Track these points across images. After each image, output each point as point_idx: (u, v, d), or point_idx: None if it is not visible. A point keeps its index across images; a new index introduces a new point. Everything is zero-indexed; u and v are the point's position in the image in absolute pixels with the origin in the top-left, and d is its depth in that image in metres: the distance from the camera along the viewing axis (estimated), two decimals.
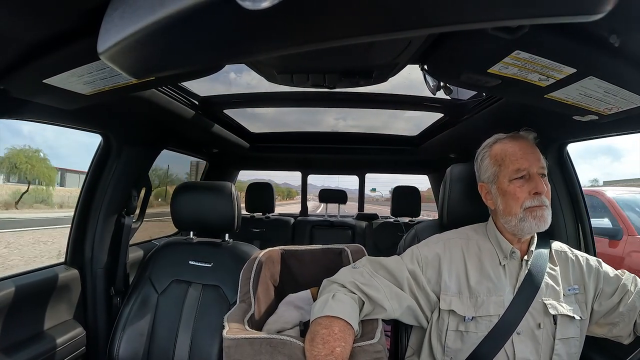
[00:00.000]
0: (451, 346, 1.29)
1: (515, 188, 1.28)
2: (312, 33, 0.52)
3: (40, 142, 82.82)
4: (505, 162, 1.32)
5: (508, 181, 1.30)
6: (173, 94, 1.91)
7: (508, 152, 1.32)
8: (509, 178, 1.30)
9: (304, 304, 1.55)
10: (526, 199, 1.27)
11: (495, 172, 1.34)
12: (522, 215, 1.27)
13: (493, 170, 1.35)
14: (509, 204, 1.30)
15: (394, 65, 1.40)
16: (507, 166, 1.31)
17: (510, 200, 1.29)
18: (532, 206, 1.26)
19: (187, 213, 1.94)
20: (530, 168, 1.28)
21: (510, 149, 1.33)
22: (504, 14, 0.52)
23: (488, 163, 1.37)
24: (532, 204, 1.26)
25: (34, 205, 24.09)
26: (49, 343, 1.64)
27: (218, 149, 3.37)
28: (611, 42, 0.87)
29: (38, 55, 0.99)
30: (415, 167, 4.25)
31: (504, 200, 1.31)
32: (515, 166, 1.29)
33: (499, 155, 1.34)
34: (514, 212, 1.29)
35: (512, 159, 1.30)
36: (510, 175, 1.29)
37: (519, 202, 1.27)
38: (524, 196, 1.27)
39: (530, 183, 1.27)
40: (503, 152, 1.34)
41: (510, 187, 1.29)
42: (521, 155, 1.30)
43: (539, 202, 1.26)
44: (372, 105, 2.57)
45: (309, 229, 3.90)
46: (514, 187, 1.28)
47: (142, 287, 1.85)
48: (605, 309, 1.31)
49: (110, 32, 0.58)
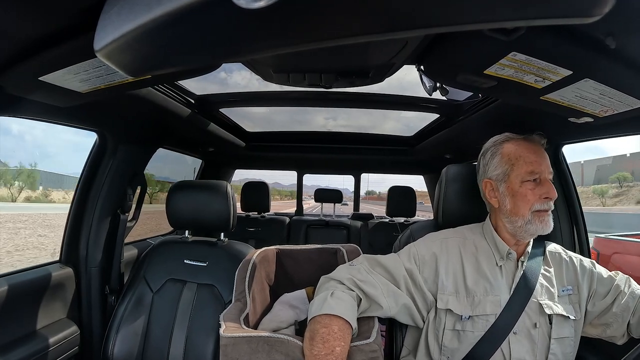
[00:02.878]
0: (448, 345, 1.30)
1: (527, 190, 1.28)
2: (308, 32, 0.52)
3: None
4: (519, 162, 1.31)
5: (520, 182, 1.29)
6: (169, 93, 1.90)
7: (523, 153, 1.32)
8: (522, 179, 1.29)
9: (299, 303, 1.55)
10: (536, 202, 1.27)
11: (506, 171, 1.33)
12: (529, 218, 1.28)
13: (504, 169, 1.33)
14: (517, 205, 1.30)
15: (390, 66, 1.39)
16: (521, 167, 1.30)
17: (519, 201, 1.29)
18: (541, 210, 1.27)
19: (183, 212, 1.93)
20: (543, 172, 1.28)
21: (525, 150, 1.32)
22: (500, 16, 0.52)
23: (499, 160, 1.35)
24: (542, 207, 1.27)
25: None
26: (42, 342, 1.63)
27: (214, 147, 3.36)
28: (607, 45, 0.87)
29: (34, 52, 0.99)
30: (411, 167, 4.26)
31: (513, 200, 1.31)
32: (530, 168, 1.29)
33: (513, 154, 1.33)
34: (522, 214, 1.29)
35: (527, 160, 1.30)
36: (523, 177, 1.29)
37: (529, 204, 1.27)
38: (534, 199, 1.27)
39: (541, 187, 1.27)
40: (517, 152, 1.32)
41: (521, 189, 1.29)
42: (535, 158, 1.29)
43: (547, 207, 1.27)
44: (367, 105, 2.57)
45: (304, 229, 3.89)
46: (526, 189, 1.28)
47: (136, 286, 1.85)
48: (599, 310, 1.32)
49: (107, 29, 0.57)
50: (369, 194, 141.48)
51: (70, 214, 1.99)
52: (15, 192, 31.10)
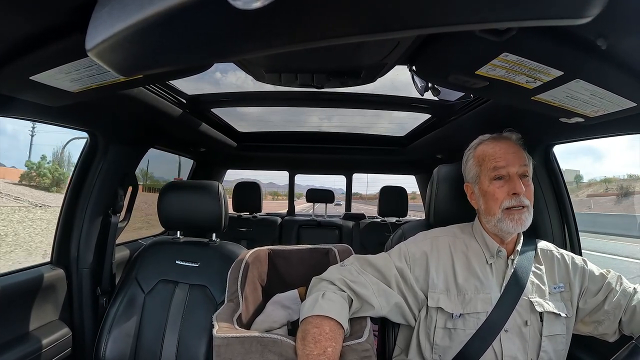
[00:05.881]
0: (439, 343, 1.30)
1: (495, 189, 1.30)
2: (302, 33, 0.52)
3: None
4: (485, 162, 1.33)
5: (488, 181, 1.32)
6: (161, 93, 1.89)
7: (488, 152, 1.34)
8: (490, 178, 1.31)
9: (291, 303, 1.55)
10: (505, 200, 1.28)
11: (477, 173, 1.36)
12: (500, 216, 1.29)
13: (475, 171, 1.37)
14: (489, 204, 1.32)
15: (382, 66, 1.40)
16: (487, 166, 1.32)
17: (490, 200, 1.31)
18: (511, 207, 1.28)
19: (174, 212, 1.92)
20: (509, 168, 1.29)
21: (491, 149, 1.34)
22: (492, 16, 0.52)
23: (472, 164, 1.39)
24: (511, 204, 1.28)
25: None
26: (34, 344, 1.61)
27: (205, 148, 3.35)
28: (598, 45, 0.88)
29: (25, 51, 0.98)
30: (403, 167, 4.27)
31: (485, 200, 1.33)
32: (492, 165, 1.31)
33: (481, 155, 1.36)
34: (493, 212, 1.31)
35: (491, 159, 1.32)
36: (490, 175, 1.31)
37: (498, 202, 1.29)
38: (503, 197, 1.28)
39: (509, 184, 1.29)
40: (484, 153, 1.35)
41: (490, 188, 1.31)
42: (500, 155, 1.31)
43: (517, 202, 1.28)
44: (359, 105, 2.57)
45: (296, 229, 3.89)
46: (494, 188, 1.30)
47: (128, 287, 1.83)
48: (591, 307, 1.33)
49: (99, 28, 0.57)
50: (353, 195, 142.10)
51: (61, 214, 1.97)
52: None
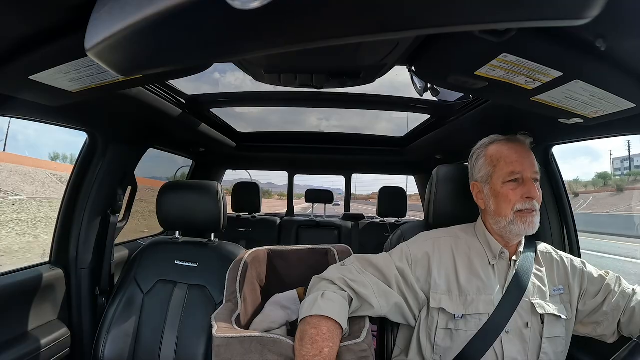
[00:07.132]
0: (440, 344, 1.30)
1: (508, 191, 1.29)
2: (301, 33, 0.52)
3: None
4: (500, 163, 1.32)
5: (501, 183, 1.31)
6: (160, 92, 1.89)
7: (504, 154, 1.33)
8: (503, 180, 1.31)
9: (290, 303, 1.55)
10: (518, 202, 1.28)
11: (489, 173, 1.35)
12: (512, 218, 1.29)
13: (487, 171, 1.36)
14: (500, 206, 1.31)
15: (381, 66, 1.40)
16: (502, 168, 1.32)
17: (502, 202, 1.31)
18: (523, 210, 1.28)
19: (173, 212, 1.92)
20: (525, 172, 1.29)
21: (507, 151, 1.33)
22: (491, 17, 0.52)
23: (483, 163, 1.38)
24: (524, 207, 1.27)
25: None
26: (33, 344, 1.61)
27: (204, 148, 3.35)
28: (597, 47, 0.87)
29: (24, 51, 0.98)
30: (402, 167, 4.27)
31: (496, 201, 1.32)
32: (510, 169, 1.30)
33: (495, 156, 1.35)
34: (505, 214, 1.30)
35: (508, 161, 1.31)
36: (504, 178, 1.30)
37: (511, 204, 1.29)
38: (516, 199, 1.28)
39: (523, 187, 1.28)
40: (499, 154, 1.34)
41: (503, 189, 1.30)
42: (517, 158, 1.31)
43: (530, 206, 1.28)
44: (359, 105, 2.57)
45: (295, 229, 3.88)
46: (507, 190, 1.30)
47: (127, 287, 1.83)
48: (590, 309, 1.33)
49: (98, 28, 0.57)
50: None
51: (60, 214, 1.97)
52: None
